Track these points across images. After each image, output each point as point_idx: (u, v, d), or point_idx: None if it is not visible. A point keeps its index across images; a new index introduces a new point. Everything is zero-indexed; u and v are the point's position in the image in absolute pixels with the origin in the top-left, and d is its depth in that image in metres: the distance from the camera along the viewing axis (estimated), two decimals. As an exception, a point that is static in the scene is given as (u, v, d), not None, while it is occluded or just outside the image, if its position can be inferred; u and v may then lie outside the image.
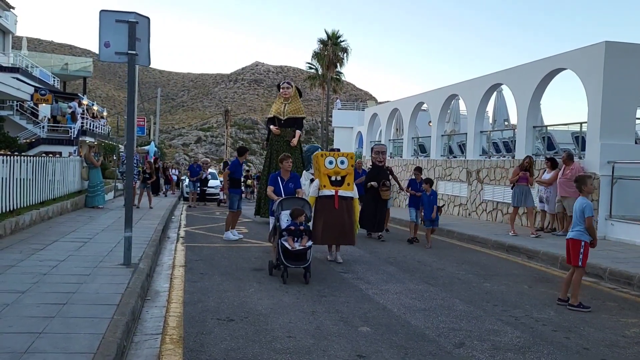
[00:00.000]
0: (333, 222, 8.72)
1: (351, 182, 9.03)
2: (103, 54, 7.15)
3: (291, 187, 8.68)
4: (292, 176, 8.86)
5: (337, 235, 8.82)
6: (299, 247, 7.42)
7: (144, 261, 7.49)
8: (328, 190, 8.83)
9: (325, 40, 47.20)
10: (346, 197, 8.92)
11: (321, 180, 8.92)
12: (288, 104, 15.77)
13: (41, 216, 11.08)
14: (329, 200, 8.82)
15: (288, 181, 8.72)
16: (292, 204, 7.96)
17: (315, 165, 9.20)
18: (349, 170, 8.99)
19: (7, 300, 5.13)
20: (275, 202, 8.05)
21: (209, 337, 4.97)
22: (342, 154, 9.28)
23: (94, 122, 37.17)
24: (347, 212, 8.85)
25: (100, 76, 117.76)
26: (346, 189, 8.91)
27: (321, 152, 9.52)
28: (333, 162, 8.95)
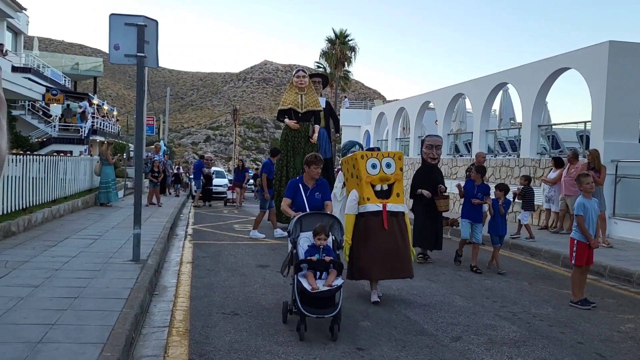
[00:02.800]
0: (384, 249, 6.27)
1: (401, 191, 6.57)
2: (113, 56, 7.37)
3: (318, 199, 6.13)
4: (319, 183, 6.21)
5: (391, 267, 6.35)
6: (324, 288, 5.09)
7: (153, 257, 7.71)
8: (373, 205, 6.35)
9: (333, 39, 47.36)
10: (396, 213, 6.44)
11: (362, 192, 6.40)
12: (305, 95, 13.75)
13: (53, 214, 11.35)
14: (375, 219, 6.34)
15: (314, 190, 6.17)
16: (315, 221, 5.58)
17: (352, 171, 6.60)
18: (398, 175, 6.55)
19: (21, 294, 5.35)
20: (293, 220, 5.65)
21: (214, 330, 5.16)
22: (386, 154, 6.63)
23: (104, 122, 37.57)
24: (400, 233, 6.41)
25: (110, 75, 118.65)
26: (396, 202, 6.46)
27: (360, 152, 6.86)
28: (377, 165, 6.42)
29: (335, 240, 5.60)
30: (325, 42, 47.67)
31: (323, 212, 5.85)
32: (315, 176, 6.17)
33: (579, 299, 6.68)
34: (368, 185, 6.42)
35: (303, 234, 5.60)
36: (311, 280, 5.16)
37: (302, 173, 8.57)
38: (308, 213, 5.76)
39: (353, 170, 6.58)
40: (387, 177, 6.43)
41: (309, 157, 6.16)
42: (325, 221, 5.61)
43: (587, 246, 6.75)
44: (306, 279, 5.19)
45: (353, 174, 6.60)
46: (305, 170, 6.22)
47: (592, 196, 10.41)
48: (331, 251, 5.40)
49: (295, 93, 13.73)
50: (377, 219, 6.36)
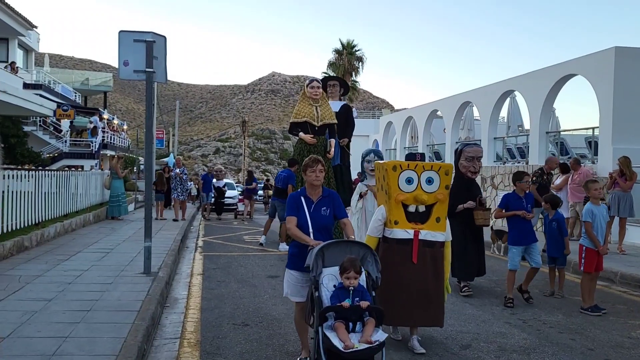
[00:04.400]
0: (410, 288, 4.94)
1: (442, 215, 5.04)
2: (122, 72, 7.50)
3: (326, 216, 4.60)
4: (326, 195, 4.69)
5: (416, 312, 4.99)
6: (362, 346, 3.81)
7: (164, 270, 7.79)
8: (401, 231, 4.96)
9: (340, 50, 47.56)
10: (432, 243, 4.98)
11: (390, 212, 4.98)
12: (320, 107, 12.85)
13: (65, 228, 11.48)
14: (402, 249, 4.97)
15: (320, 204, 4.61)
16: (342, 253, 4.26)
17: (382, 182, 5.20)
18: (441, 195, 4.99)
19: (35, 308, 5.44)
20: (312, 253, 4.23)
21: (225, 340, 5.22)
22: (428, 165, 5.06)
23: (114, 136, 37.94)
24: (434, 269, 5.00)
25: (120, 90, 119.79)
26: (433, 228, 4.96)
27: (393, 161, 5.17)
28: (414, 180, 4.95)
29: (370, 276, 4.27)
30: (333, 52, 47.90)
31: (351, 240, 4.42)
32: (315, 183, 4.54)
33: (589, 306, 6.67)
34: (399, 205, 4.87)
35: (327, 271, 4.21)
36: (343, 335, 3.83)
37: (360, 195, 8.20)
38: (332, 242, 4.27)
39: (383, 182, 5.04)
40: (425, 197, 4.84)
41: (306, 161, 4.68)
42: (354, 252, 4.26)
43: (595, 252, 6.75)
44: (335, 332, 3.88)
45: (383, 186, 5.09)
46: (305, 178, 4.68)
47: (621, 203, 10.38)
48: (366, 293, 4.12)
49: (309, 105, 12.84)
50: (404, 248, 4.89)
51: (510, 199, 7.31)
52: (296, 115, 13.04)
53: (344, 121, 13.63)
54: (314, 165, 4.60)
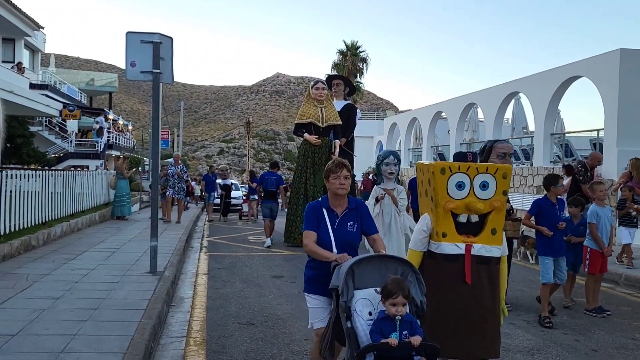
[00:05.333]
0: (460, 312, 4.02)
1: (499, 226, 4.17)
2: (129, 73, 7.56)
3: (353, 232, 3.92)
4: (352, 207, 3.97)
5: (468, 342, 4.04)
6: None
7: (169, 269, 7.84)
8: (451, 245, 4.05)
9: (344, 51, 47.56)
10: (488, 260, 4.08)
11: (437, 223, 4.08)
12: (324, 108, 13.00)
13: (71, 228, 11.56)
14: (452, 267, 4.04)
15: (346, 218, 3.91)
16: (375, 271, 3.49)
17: (427, 187, 4.29)
18: (498, 202, 4.10)
19: (43, 306, 5.50)
20: (340, 271, 3.46)
21: (230, 339, 5.26)
22: (483, 167, 4.13)
23: (119, 136, 38.09)
24: (491, 290, 4.08)
25: (125, 90, 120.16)
26: (489, 241, 4.10)
27: (441, 163, 4.29)
28: (465, 184, 4.10)
29: (413, 301, 3.36)
30: (337, 54, 47.92)
31: (386, 255, 3.59)
32: (340, 191, 3.80)
33: (593, 307, 6.69)
34: (447, 214, 4.00)
35: (359, 294, 3.32)
36: None
37: (376, 199, 7.46)
38: (362, 257, 3.43)
39: (428, 187, 4.16)
40: (479, 205, 3.96)
41: (330, 165, 3.92)
42: (390, 269, 3.42)
43: (600, 254, 6.77)
44: None
45: (427, 192, 4.17)
46: (327, 185, 3.93)
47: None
48: (416, 325, 3.27)
49: (314, 106, 13.01)
50: (454, 266, 3.97)
51: (542, 206, 6.71)
52: (301, 117, 13.13)
53: (345, 120, 13.64)
54: (338, 171, 3.80)
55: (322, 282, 3.67)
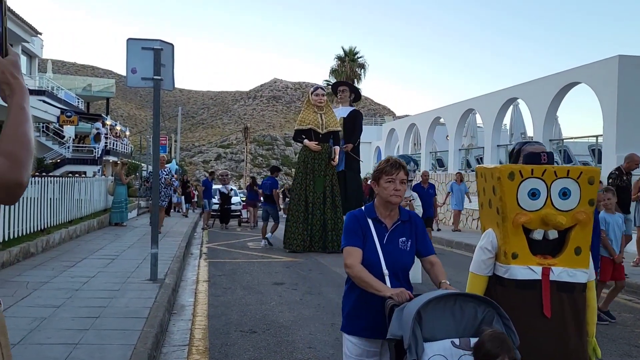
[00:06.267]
0: (537, 352, 3.03)
1: (584, 244, 3.24)
2: (130, 79, 7.55)
3: (406, 251, 3.05)
4: (405, 219, 3.10)
5: None
6: None
7: (170, 276, 7.80)
8: (523, 268, 3.13)
9: (342, 56, 47.68)
10: (571, 286, 3.15)
11: (506, 241, 3.20)
12: (324, 114, 13.03)
13: (70, 234, 11.51)
14: (525, 295, 3.12)
15: (396, 232, 3.05)
16: (448, 315, 2.57)
17: (491, 196, 3.41)
18: (583, 214, 3.15)
19: (44, 314, 5.45)
20: (406, 316, 2.51)
21: (233, 348, 5.23)
22: (563, 171, 3.19)
23: (117, 142, 38.04)
24: (575, 325, 3.10)
25: (121, 96, 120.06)
26: (572, 264, 3.18)
27: (508, 165, 3.32)
28: (541, 192, 3.18)
29: None
30: (335, 59, 48.01)
31: (460, 293, 2.69)
32: (394, 199, 2.95)
33: (601, 309, 6.65)
34: (518, 230, 3.18)
35: (431, 348, 2.47)
36: None
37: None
38: (431, 297, 2.54)
39: (492, 197, 3.33)
40: (561, 219, 3.09)
41: (383, 165, 3.03)
42: (467, 312, 2.57)
43: (611, 261, 6.76)
44: None
45: (492, 202, 3.35)
46: (375, 192, 3.09)
47: None
48: None
49: (313, 112, 13.05)
50: (529, 295, 3.12)
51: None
52: (301, 123, 13.17)
53: (351, 126, 13.72)
54: (394, 172, 2.93)
55: (371, 320, 2.86)
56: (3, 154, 1.21)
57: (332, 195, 12.78)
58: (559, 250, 3.23)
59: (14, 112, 1.28)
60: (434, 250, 3.16)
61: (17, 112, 1.28)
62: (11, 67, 1.31)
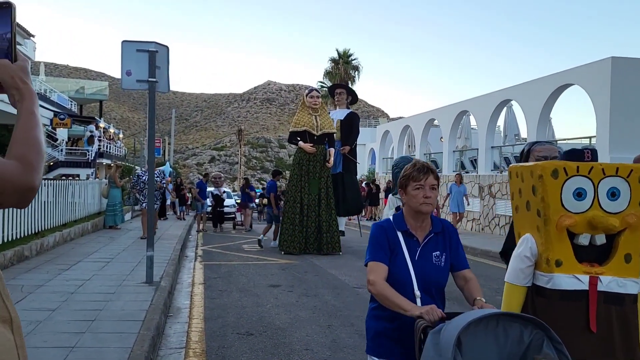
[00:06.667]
0: None
1: (635, 250, 2.82)
2: (125, 82, 7.53)
3: (440, 267, 2.69)
4: (438, 230, 2.75)
5: None
6: None
7: (165, 279, 7.78)
8: (568, 277, 2.75)
9: (336, 59, 47.76)
10: (621, 298, 2.74)
11: (548, 246, 2.81)
12: (319, 117, 13.01)
13: (64, 237, 11.45)
14: (570, 308, 2.75)
15: (429, 246, 2.70)
16: (493, 342, 2.17)
17: (530, 197, 2.96)
18: (634, 217, 2.75)
19: (40, 318, 5.42)
20: (444, 342, 2.12)
21: (230, 350, 5.21)
22: (612, 168, 2.76)
23: (110, 145, 37.92)
24: (625, 341, 2.69)
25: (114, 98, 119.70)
26: (621, 272, 2.79)
27: (551, 162, 2.89)
28: (587, 192, 2.78)
29: None
30: (329, 62, 48.08)
31: (503, 312, 2.38)
32: (425, 208, 2.63)
33: None
34: (562, 234, 2.89)
35: None
36: None
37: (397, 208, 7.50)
38: (472, 319, 2.17)
39: (531, 197, 3.00)
40: (613, 221, 2.81)
41: (409, 170, 2.71)
42: (511, 336, 2.22)
43: None
44: None
45: (531, 203, 3.01)
46: (402, 201, 2.77)
47: None
48: None
49: (308, 114, 13.04)
50: (574, 307, 2.83)
51: None
52: (295, 125, 13.18)
53: (349, 128, 13.81)
54: (422, 177, 2.62)
55: (398, 342, 2.56)
56: (15, 158, 1.23)
57: (327, 197, 12.78)
58: (605, 258, 2.90)
59: (25, 117, 1.29)
60: (468, 263, 2.81)
61: (28, 116, 1.29)
62: (20, 73, 1.32)
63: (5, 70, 1.30)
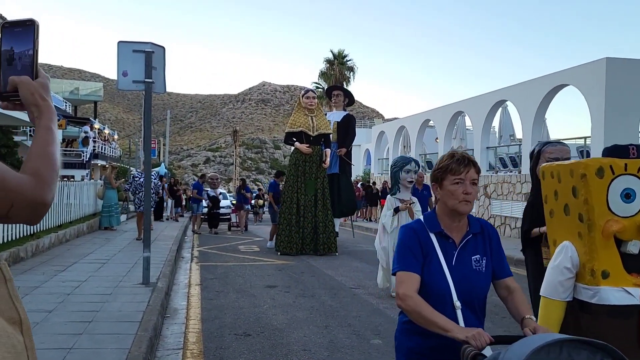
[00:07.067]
0: None
1: None
2: (121, 82, 7.51)
3: (481, 273, 2.27)
4: (477, 231, 2.34)
5: None
6: None
7: (162, 280, 7.76)
8: (616, 290, 2.46)
9: (331, 59, 47.78)
10: None
11: (593, 253, 2.53)
12: (315, 117, 13.07)
13: (59, 239, 11.41)
14: (619, 325, 2.44)
15: (468, 249, 2.30)
16: None
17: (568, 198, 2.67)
18: None
19: (36, 319, 5.40)
20: None
21: (228, 351, 5.21)
22: None
23: (105, 146, 37.81)
24: None
25: (109, 99, 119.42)
26: None
27: (596, 159, 2.57)
28: (636, 194, 2.47)
29: None
30: (324, 62, 48.08)
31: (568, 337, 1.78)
32: (463, 208, 2.25)
33: None
34: (609, 242, 2.55)
35: None
36: None
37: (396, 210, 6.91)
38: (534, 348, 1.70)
39: (570, 199, 2.68)
40: None
41: (447, 161, 2.31)
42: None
43: None
44: None
45: (570, 207, 2.70)
46: (436, 197, 2.42)
47: None
48: None
49: (304, 115, 13.09)
50: (624, 325, 2.50)
51: None
52: (292, 125, 13.21)
53: (345, 130, 13.92)
54: (463, 170, 2.24)
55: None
56: (29, 172, 1.23)
57: (323, 197, 12.79)
58: None
59: (41, 133, 1.31)
60: (511, 271, 2.38)
61: (44, 132, 1.31)
62: (41, 89, 1.33)
63: (25, 87, 1.31)
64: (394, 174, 7.34)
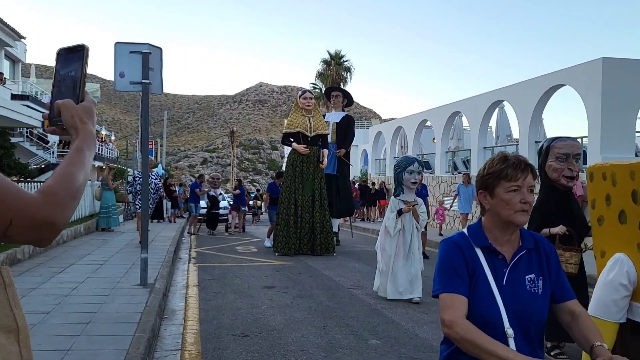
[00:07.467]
0: None
1: None
2: (118, 83, 7.50)
3: (538, 295, 1.96)
4: (530, 246, 2.02)
5: None
6: None
7: (160, 281, 7.75)
8: None
9: (328, 60, 47.78)
10: None
11: None
12: (312, 118, 13.05)
13: (56, 240, 11.39)
14: None
15: (521, 267, 1.99)
16: None
17: (617, 207, 2.42)
18: None
19: (33, 321, 5.39)
20: None
21: (226, 352, 5.21)
22: None
23: (102, 147, 37.78)
24: None
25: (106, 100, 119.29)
26: None
27: None
28: None
29: None
30: (321, 63, 48.08)
31: None
32: (518, 219, 1.94)
33: None
34: None
35: None
36: None
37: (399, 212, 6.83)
38: None
39: (629, 205, 2.39)
40: None
41: (499, 165, 2.00)
42: None
43: None
44: None
45: (626, 213, 2.41)
46: (485, 206, 2.04)
47: None
48: None
49: (302, 115, 13.08)
50: None
51: None
52: (289, 126, 13.21)
53: (344, 131, 13.99)
54: (520, 177, 1.96)
55: None
56: (41, 190, 1.17)
57: (320, 198, 12.80)
58: None
59: (71, 153, 1.28)
60: (574, 293, 2.07)
61: (74, 153, 1.28)
62: (82, 113, 1.32)
63: (67, 110, 1.31)
64: (397, 175, 7.22)
